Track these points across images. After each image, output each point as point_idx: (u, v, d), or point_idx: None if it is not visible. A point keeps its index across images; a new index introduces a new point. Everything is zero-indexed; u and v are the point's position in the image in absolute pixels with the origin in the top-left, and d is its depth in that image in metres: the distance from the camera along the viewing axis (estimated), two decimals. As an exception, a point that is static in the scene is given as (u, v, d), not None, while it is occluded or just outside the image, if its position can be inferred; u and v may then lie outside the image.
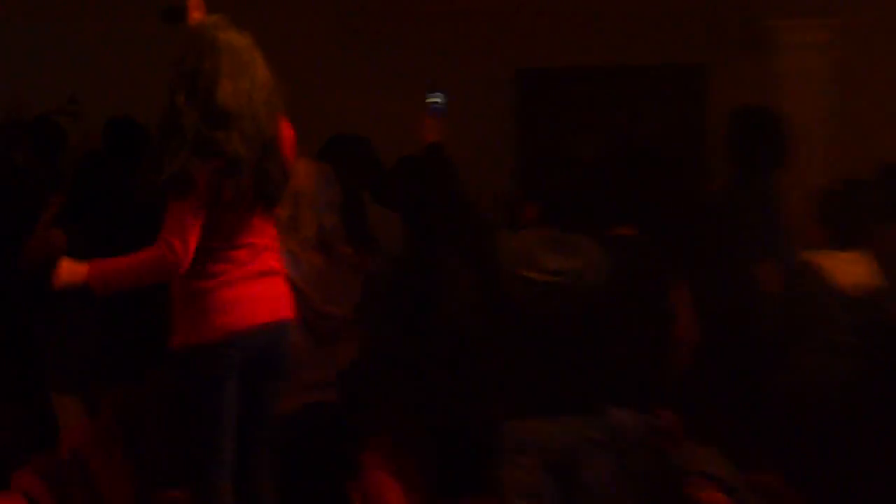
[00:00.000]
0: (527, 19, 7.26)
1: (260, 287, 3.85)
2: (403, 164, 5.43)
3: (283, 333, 3.93)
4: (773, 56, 6.97)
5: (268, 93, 3.78)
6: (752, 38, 7.05)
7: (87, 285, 3.69)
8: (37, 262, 5.11)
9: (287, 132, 3.93)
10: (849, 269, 4.97)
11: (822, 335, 4.96)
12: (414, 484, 4.58)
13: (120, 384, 4.85)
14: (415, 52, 7.21)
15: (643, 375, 4.35)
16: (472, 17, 7.20)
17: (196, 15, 3.95)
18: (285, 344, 3.94)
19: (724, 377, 5.15)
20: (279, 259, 3.95)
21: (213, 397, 3.79)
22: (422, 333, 4.76)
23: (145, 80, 4.36)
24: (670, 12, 7.17)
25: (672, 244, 4.81)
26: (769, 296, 5.08)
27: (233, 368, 3.80)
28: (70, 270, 3.69)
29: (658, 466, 4.61)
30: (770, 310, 5.07)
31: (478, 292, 4.73)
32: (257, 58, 3.80)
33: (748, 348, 5.15)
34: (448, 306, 4.77)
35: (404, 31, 7.29)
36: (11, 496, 3.90)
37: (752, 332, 5.14)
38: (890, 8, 6.98)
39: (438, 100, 4.78)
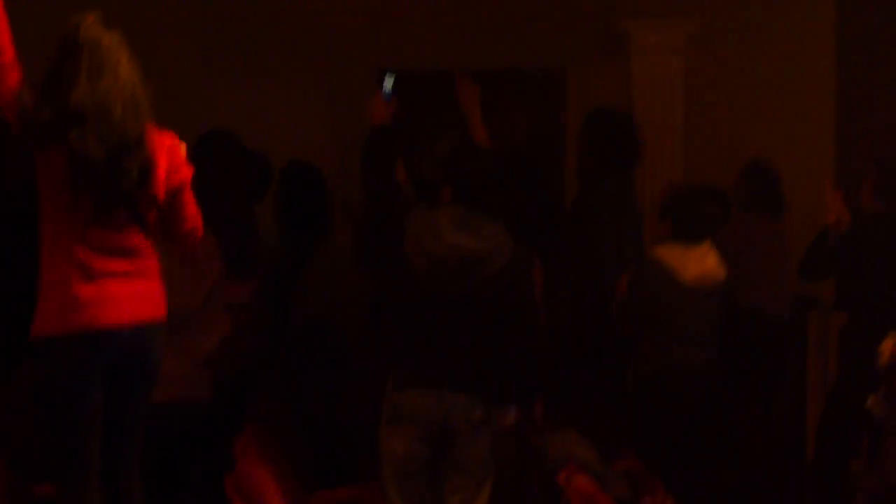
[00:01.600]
0: (388, 21, 7.18)
1: (124, 286, 3.82)
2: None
3: (150, 334, 3.88)
4: (629, 59, 7.02)
5: (131, 92, 3.76)
6: (610, 41, 7.07)
7: None
8: None
9: (165, 138, 3.90)
10: (695, 262, 5.20)
11: (672, 327, 5.19)
12: (289, 473, 4.59)
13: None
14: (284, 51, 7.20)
15: (522, 363, 4.43)
16: (333, 17, 7.15)
17: None
18: (153, 345, 3.90)
19: (585, 371, 5.35)
20: (147, 258, 3.90)
21: (67, 395, 3.76)
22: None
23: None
24: (530, 16, 7.13)
25: (535, 243, 4.89)
26: (622, 297, 5.36)
27: (90, 367, 3.77)
28: None
29: (527, 454, 4.77)
30: (622, 307, 5.33)
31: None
32: (122, 57, 3.79)
33: (605, 344, 5.41)
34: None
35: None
36: None
37: (607, 329, 5.40)
38: (741, 11, 7.12)
39: (389, 83, 4.58)
